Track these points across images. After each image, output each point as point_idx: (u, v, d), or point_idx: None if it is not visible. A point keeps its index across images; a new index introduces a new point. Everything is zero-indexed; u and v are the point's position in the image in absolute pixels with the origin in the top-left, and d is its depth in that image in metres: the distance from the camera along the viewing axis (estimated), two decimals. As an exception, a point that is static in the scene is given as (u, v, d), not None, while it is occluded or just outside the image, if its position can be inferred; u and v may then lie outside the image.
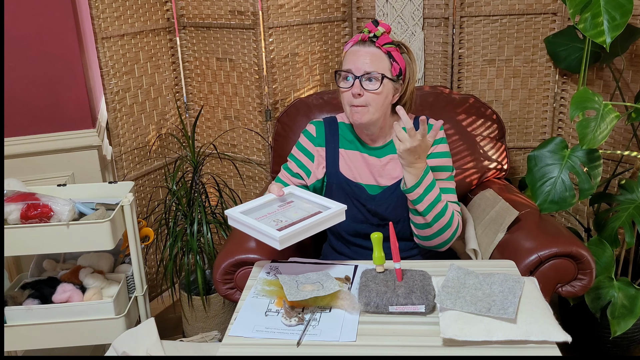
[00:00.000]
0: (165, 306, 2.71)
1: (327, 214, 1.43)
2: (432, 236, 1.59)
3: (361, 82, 1.56)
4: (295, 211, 1.48)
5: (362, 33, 1.60)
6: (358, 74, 1.57)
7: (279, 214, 1.47)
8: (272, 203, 1.53)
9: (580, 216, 2.44)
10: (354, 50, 1.61)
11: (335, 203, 1.49)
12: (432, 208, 1.54)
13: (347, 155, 1.71)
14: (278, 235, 1.33)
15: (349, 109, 1.61)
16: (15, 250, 1.81)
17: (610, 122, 1.78)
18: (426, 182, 1.52)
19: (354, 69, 1.57)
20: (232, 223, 1.48)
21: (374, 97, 1.57)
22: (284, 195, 1.55)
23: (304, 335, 1.21)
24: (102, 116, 2.44)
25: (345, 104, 1.62)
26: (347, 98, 1.60)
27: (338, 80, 1.62)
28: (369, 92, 1.57)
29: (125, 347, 1.73)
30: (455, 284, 1.30)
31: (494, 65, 2.43)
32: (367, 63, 1.57)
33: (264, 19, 2.30)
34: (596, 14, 1.78)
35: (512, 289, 1.27)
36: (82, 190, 2.02)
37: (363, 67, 1.57)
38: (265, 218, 1.44)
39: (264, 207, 1.51)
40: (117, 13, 2.24)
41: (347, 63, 1.60)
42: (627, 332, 2.08)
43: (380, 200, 1.67)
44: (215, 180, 2.48)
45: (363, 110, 1.58)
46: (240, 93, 2.46)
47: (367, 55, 1.58)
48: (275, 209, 1.50)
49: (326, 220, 1.44)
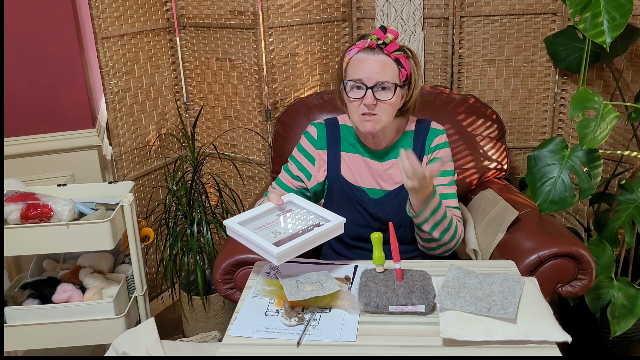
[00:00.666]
0: (165, 306, 2.71)
1: (326, 228, 1.42)
2: (436, 247, 1.62)
3: (374, 93, 1.52)
4: (294, 222, 1.47)
5: (370, 40, 1.54)
6: (370, 84, 1.52)
7: (277, 225, 1.46)
8: (270, 212, 1.52)
9: (580, 216, 2.44)
10: (360, 57, 1.55)
11: (334, 215, 1.46)
12: (437, 226, 1.55)
13: (349, 158, 1.70)
14: (276, 251, 1.32)
15: (358, 117, 1.57)
16: (15, 250, 1.81)
17: (610, 122, 1.78)
18: (432, 205, 1.51)
19: (365, 78, 1.52)
20: (231, 234, 1.47)
21: (386, 106, 1.55)
22: (282, 204, 1.53)
23: (304, 335, 1.21)
24: (102, 116, 2.44)
25: (353, 112, 1.58)
26: (357, 108, 1.56)
27: (346, 89, 1.57)
28: (381, 102, 1.54)
29: (125, 347, 1.73)
30: (455, 284, 1.30)
31: (494, 65, 2.43)
32: (379, 72, 1.52)
33: (264, 19, 2.30)
34: (596, 14, 1.77)
35: (512, 289, 1.27)
36: (82, 190, 2.02)
37: (375, 77, 1.52)
38: (263, 229, 1.43)
39: (263, 217, 1.50)
40: (117, 13, 2.24)
41: (356, 72, 1.54)
42: (627, 332, 2.08)
43: (382, 205, 1.67)
44: (215, 180, 2.48)
45: (375, 119, 1.55)
46: (240, 93, 2.46)
47: (377, 64, 1.53)
48: (274, 218, 1.49)
49: (325, 235, 1.42)
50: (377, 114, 1.54)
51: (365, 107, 1.54)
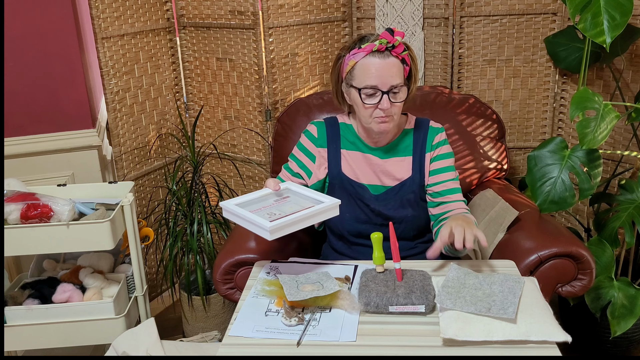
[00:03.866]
0: (165, 306, 2.71)
1: (321, 207, 1.43)
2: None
3: (389, 97, 1.53)
4: (290, 206, 1.47)
5: (379, 43, 1.51)
6: (385, 89, 1.52)
7: (274, 208, 1.46)
8: (268, 197, 1.53)
9: (580, 216, 2.44)
10: (371, 62, 1.53)
11: (330, 198, 1.48)
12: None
13: (349, 155, 1.71)
14: (269, 225, 1.32)
15: (371, 120, 1.57)
16: (15, 250, 1.81)
17: (610, 122, 1.78)
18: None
19: (381, 84, 1.52)
20: (226, 215, 1.48)
21: (399, 106, 1.57)
22: (280, 190, 1.55)
23: (304, 335, 1.21)
24: (102, 116, 2.44)
25: (365, 116, 1.57)
26: (372, 112, 1.56)
27: (361, 97, 1.55)
28: (395, 104, 1.55)
29: (125, 347, 1.73)
30: (455, 284, 1.30)
31: (494, 65, 2.43)
32: (392, 76, 1.52)
33: (264, 19, 2.30)
34: (596, 14, 1.77)
35: (512, 289, 1.27)
36: (82, 190, 2.02)
37: (389, 82, 1.52)
38: (259, 211, 1.44)
39: (260, 201, 1.51)
40: (117, 13, 2.24)
41: (369, 78, 1.52)
42: (627, 332, 2.08)
43: (383, 201, 1.67)
44: (215, 180, 2.48)
45: (389, 119, 1.57)
46: (240, 93, 2.46)
47: (389, 68, 1.52)
48: (271, 203, 1.50)
49: (319, 213, 1.43)
50: (392, 114, 1.56)
51: (381, 112, 1.54)
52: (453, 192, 1.65)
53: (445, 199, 1.65)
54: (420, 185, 1.68)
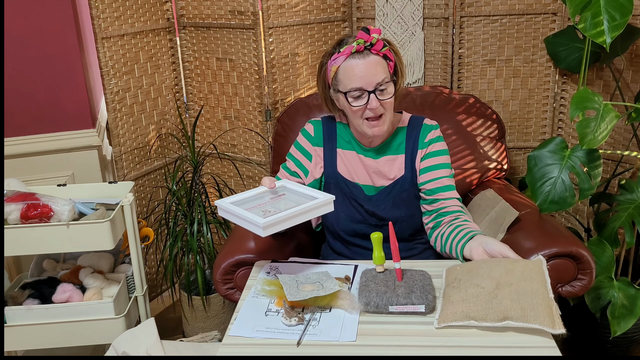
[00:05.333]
0: (165, 306, 2.71)
1: (314, 203, 1.42)
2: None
3: (376, 95, 1.52)
4: (285, 203, 1.47)
5: (356, 44, 1.51)
6: (370, 89, 1.51)
7: (269, 206, 1.46)
8: (263, 195, 1.53)
9: (580, 216, 2.44)
10: (352, 64, 1.52)
11: (325, 194, 1.47)
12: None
13: (345, 155, 1.71)
14: (261, 221, 1.32)
15: (362, 122, 1.57)
16: (15, 250, 1.81)
17: (610, 122, 1.78)
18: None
19: (365, 84, 1.51)
20: (221, 213, 1.48)
21: (388, 103, 1.55)
22: (275, 188, 1.54)
23: (304, 335, 1.21)
24: (102, 116, 2.44)
25: (356, 117, 1.57)
26: (362, 114, 1.55)
27: (348, 100, 1.54)
28: (384, 101, 1.54)
29: (125, 347, 1.73)
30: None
31: (494, 65, 2.43)
32: (375, 74, 1.51)
33: (264, 19, 2.30)
34: (596, 14, 1.77)
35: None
36: (82, 190, 2.02)
37: (373, 80, 1.51)
38: (254, 209, 1.44)
39: (255, 199, 1.50)
40: (117, 13, 2.24)
41: (353, 80, 1.52)
42: (627, 332, 2.07)
43: (377, 201, 1.67)
44: (215, 180, 2.48)
45: (381, 121, 1.56)
46: (240, 93, 2.46)
47: (370, 67, 1.51)
48: (266, 200, 1.50)
49: (313, 209, 1.42)
50: (382, 114, 1.55)
51: (371, 112, 1.54)
52: (446, 190, 1.63)
53: (438, 197, 1.63)
54: (413, 183, 1.67)
